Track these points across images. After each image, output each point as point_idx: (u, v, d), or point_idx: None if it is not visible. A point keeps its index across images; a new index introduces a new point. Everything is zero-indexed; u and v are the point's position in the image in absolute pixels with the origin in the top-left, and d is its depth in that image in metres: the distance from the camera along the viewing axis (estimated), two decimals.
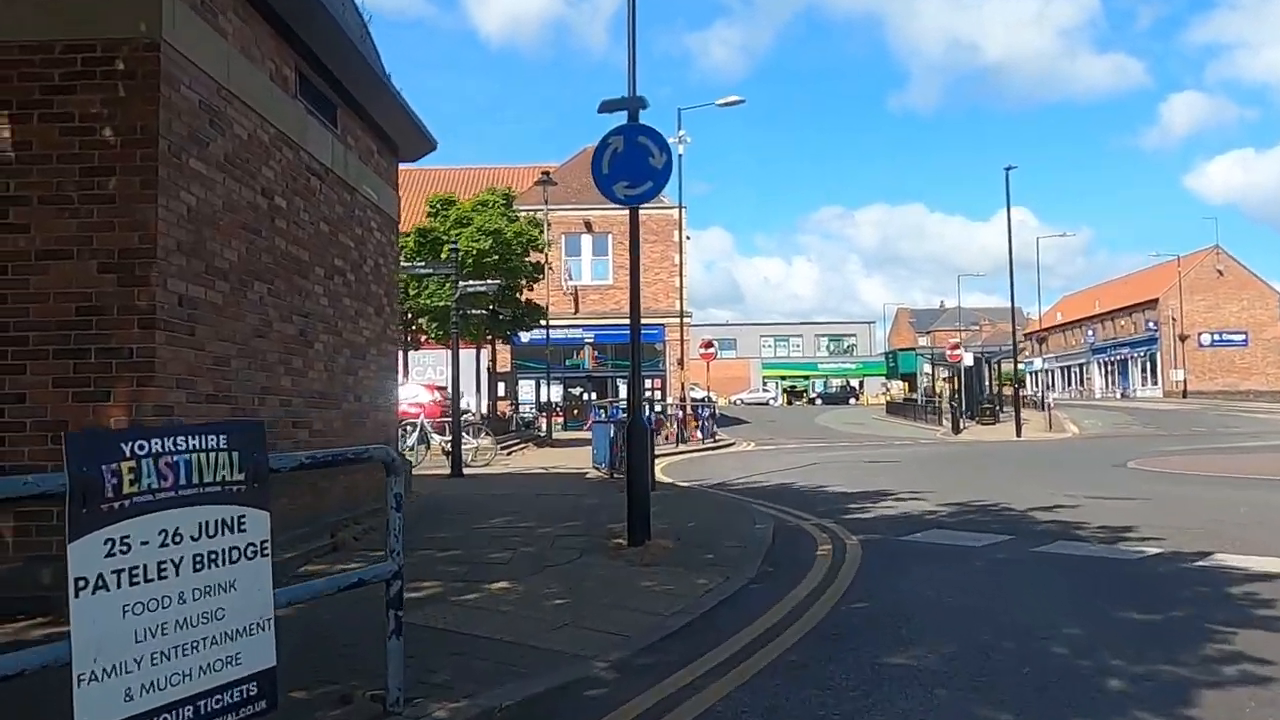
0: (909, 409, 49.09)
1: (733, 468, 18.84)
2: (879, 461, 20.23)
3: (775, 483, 14.40)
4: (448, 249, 14.06)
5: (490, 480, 14.05)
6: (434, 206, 23.41)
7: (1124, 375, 74.87)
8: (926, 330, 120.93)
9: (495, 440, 22.05)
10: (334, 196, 9.39)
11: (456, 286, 14.28)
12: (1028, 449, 26.18)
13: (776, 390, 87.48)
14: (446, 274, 14.38)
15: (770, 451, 25.16)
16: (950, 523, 9.28)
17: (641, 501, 7.72)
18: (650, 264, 42.36)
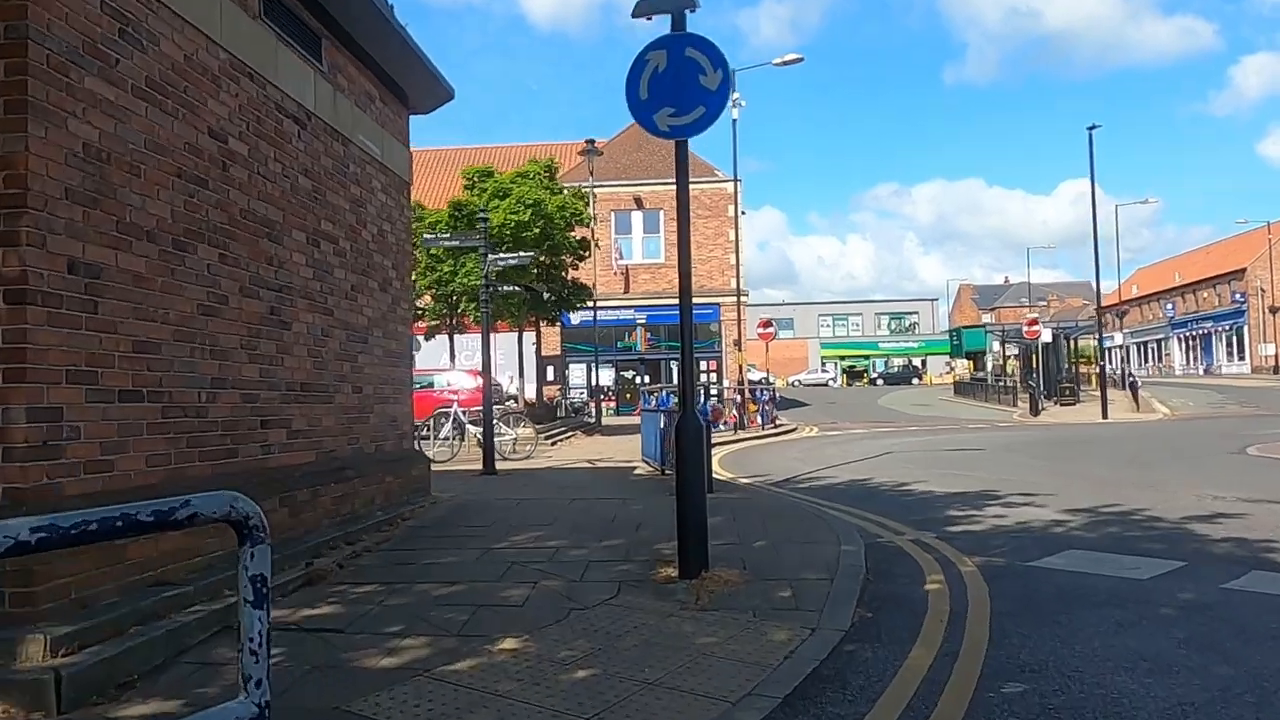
0: (978, 389, 46.50)
1: (797, 458, 16.98)
2: (961, 450, 18.18)
3: (848, 478, 12.54)
4: (478, 218, 12.43)
5: (525, 478, 12.44)
6: (470, 179, 21.80)
7: (1207, 351, 70.76)
8: (990, 307, 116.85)
9: (539, 429, 20.50)
10: (319, 146, 7.76)
11: (485, 260, 12.66)
12: (1122, 433, 23.79)
13: (836, 371, 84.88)
14: (474, 247, 12.77)
15: (836, 438, 23.21)
16: (1088, 539, 7.35)
17: (696, 524, 5.99)
18: (703, 241, 40.51)
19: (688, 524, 5.97)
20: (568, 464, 15.10)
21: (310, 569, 6.25)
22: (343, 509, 7.71)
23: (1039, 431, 24.90)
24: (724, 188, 40.49)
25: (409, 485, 9.29)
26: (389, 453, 9.03)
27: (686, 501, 6.01)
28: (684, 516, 6.01)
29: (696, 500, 6.01)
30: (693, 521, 5.97)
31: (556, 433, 21.56)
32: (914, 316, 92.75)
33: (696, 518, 5.98)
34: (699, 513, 6.00)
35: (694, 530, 5.96)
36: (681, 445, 6.10)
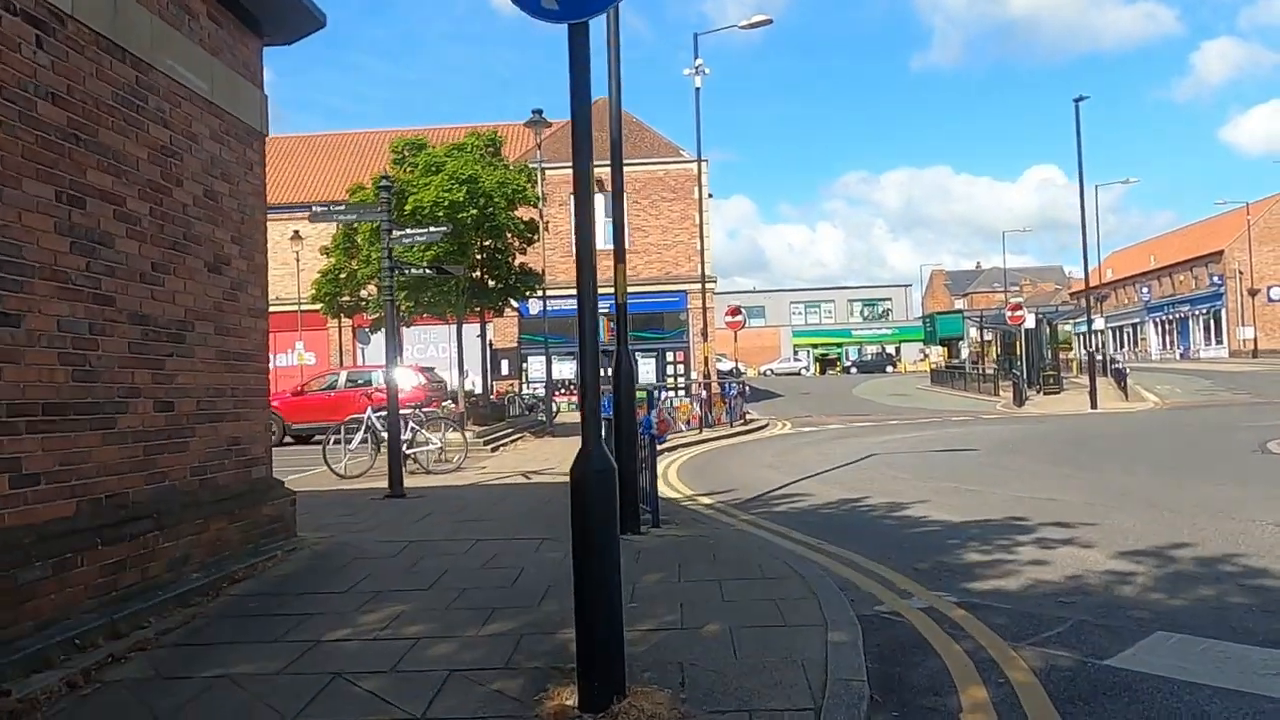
0: (956, 377, 44.77)
1: (769, 465, 14.85)
2: (954, 450, 16.15)
3: (830, 496, 10.41)
4: (376, 185, 10.09)
5: (435, 502, 10.18)
6: (399, 152, 19.38)
7: (1184, 334, 69.70)
8: (963, 292, 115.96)
9: (480, 432, 18.22)
10: (85, 65, 5.45)
11: (386, 236, 10.38)
12: (1120, 427, 21.94)
13: (808, 359, 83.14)
14: (373, 221, 10.44)
15: (811, 436, 21.14)
16: (1178, 611, 5.22)
17: (605, 634, 3.76)
18: (669, 225, 38.38)
19: (593, 634, 3.76)
20: (499, 478, 12.85)
21: (7, 702, 3.98)
22: (124, 580, 5.42)
23: (1029, 425, 23.01)
24: (689, 169, 38.30)
25: (255, 530, 7.02)
26: (224, 488, 6.76)
27: (591, 604, 3.79)
28: (587, 623, 3.80)
29: (606, 598, 3.79)
30: (601, 631, 3.76)
31: (501, 436, 19.29)
32: (887, 303, 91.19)
33: (606, 626, 3.76)
34: (609, 619, 3.78)
35: (602, 643, 3.74)
36: (579, 511, 3.87)
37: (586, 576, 3.79)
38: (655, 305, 38.08)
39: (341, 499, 10.57)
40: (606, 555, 3.78)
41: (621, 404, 7.44)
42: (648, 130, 41.35)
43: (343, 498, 10.73)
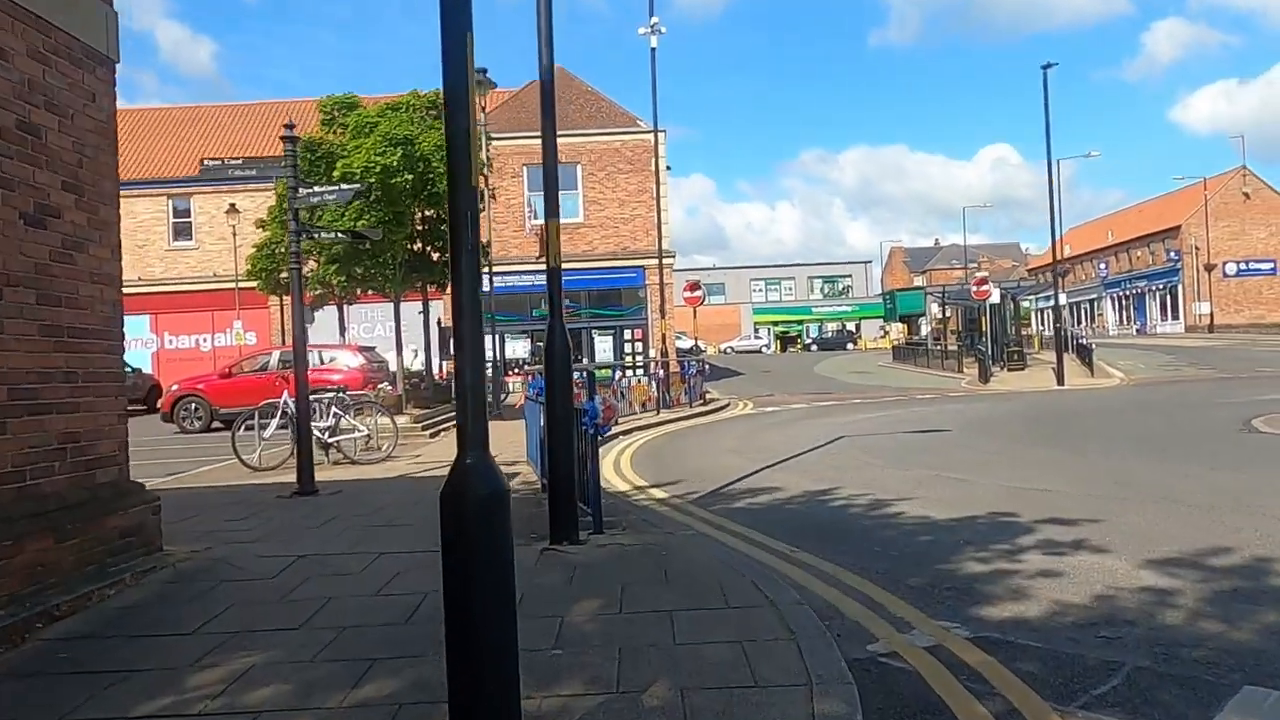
0: (917, 354, 44.13)
1: (731, 449, 13.68)
2: (927, 432, 15.11)
3: (801, 488, 9.23)
4: (286, 139, 8.58)
5: (348, 500, 8.83)
6: (328, 112, 17.77)
7: (1140, 310, 69.95)
8: (922, 269, 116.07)
9: (416, 419, 16.83)
10: None
11: (292, 197, 8.91)
12: (1092, 404, 21.15)
13: (769, 337, 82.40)
14: (270, 178, 8.95)
15: (775, 417, 20.04)
16: (1248, 646, 4.09)
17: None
18: (626, 198, 36.99)
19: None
20: (431, 469, 11.52)
21: None
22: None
23: (998, 403, 22.13)
24: (645, 139, 36.89)
25: (98, 548, 5.65)
26: (50, 497, 5.38)
27: (469, 687, 2.52)
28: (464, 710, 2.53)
29: (495, 678, 2.52)
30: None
31: (443, 420, 17.89)
32: (847, 280, 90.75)
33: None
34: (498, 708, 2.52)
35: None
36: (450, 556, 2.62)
37: (463, 648, 2.54)
38: (613, 281, 36.75)
39: (242, 497, 9.18)
40: (492, 623, 2.52)
41: (555, 388, 6.17)
42: (604, 100, 39.83)
43: (244, 495, 9.33)
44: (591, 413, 6.33)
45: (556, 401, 6.19)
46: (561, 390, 6.19)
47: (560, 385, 6.18)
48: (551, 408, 6.19)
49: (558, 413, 6.16)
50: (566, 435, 6.17)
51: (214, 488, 10.20)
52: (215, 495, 9.17)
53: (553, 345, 6.18)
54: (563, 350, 6.16)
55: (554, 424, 6.17)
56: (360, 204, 16.73)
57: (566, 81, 40.24)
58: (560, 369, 6.18)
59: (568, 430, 6.19)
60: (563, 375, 6.18)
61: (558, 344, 6.15)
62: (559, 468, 6.19)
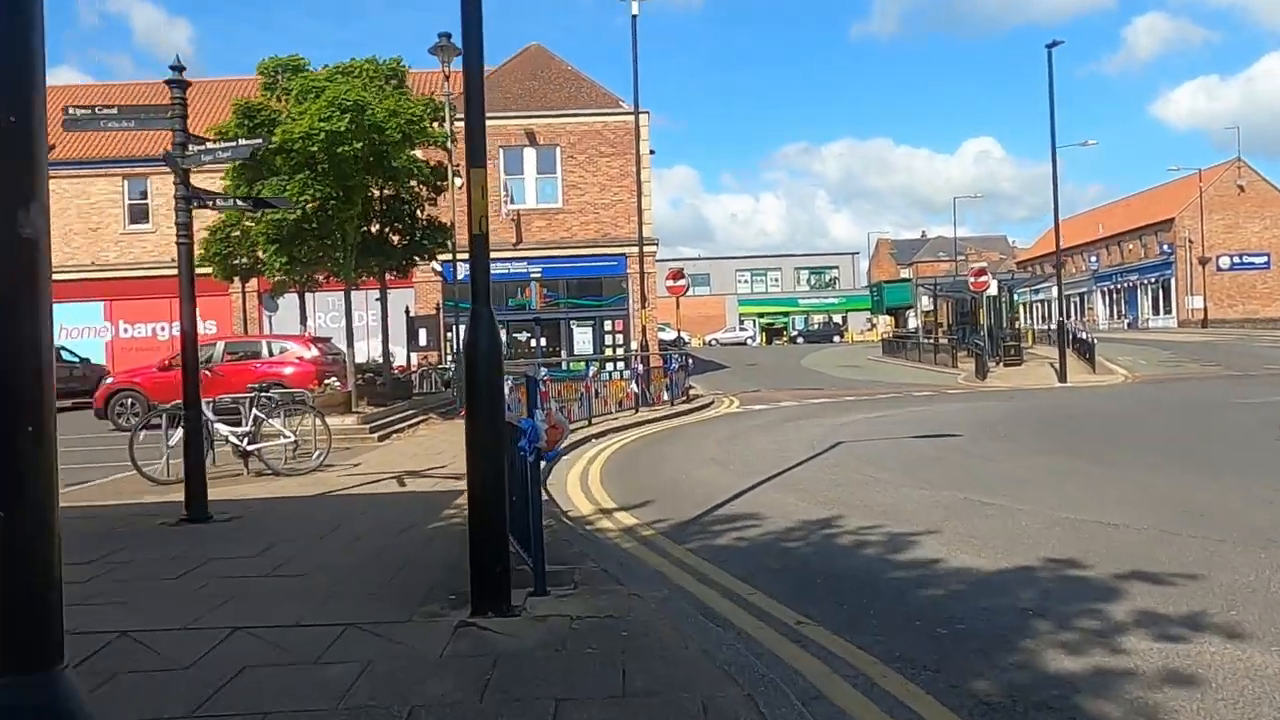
0: (908, 348, 42.66)
1: (714, 458, 12.03)
2: (932, 436, 13.51)
3: (800, 517, 7.57)
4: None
5: (241, 532, 7.10)
6: (269, 75, 15.92)
7: (1131, 304, 68.83)
8: (909, 261, 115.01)
9: (365, 418, 15.07)
10: None
11: (175, 156, 7.11)
12: (1100, 404, 19.66)
13: (754, 328, 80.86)
14: (160, 129, 7.17)
15: (763, 416, 18.41)
16: None
17: None
18: (607, 183, 35.26)
19: None
20: (364, 483, 9.79)
21: None
22: None
23: (1001, 402, 20.60)
24: (627, 120, 35.12)
25: None
26: None
27: None
28: None
29: None
30: None
31: (398, 420, 16.17)
32: (834, 271, 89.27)
33: None
34: None
35: None
36: None
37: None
38: (592, 270, 35.05)
39: (112, 526, 7.43)
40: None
41: (477, 400, 4.49)
42: (585, 80, 38.03)
43: (119, 522, 7.59)
44: (530, 434, 4.65)
45: (480, 419, 4.50)
46: (486, 402, 4.50)
47: (485, 396, 4.49)
48: (473, 428, 4.51)
49: (481, 435, 4.48)
50: (493, 467, 4.49)
51: (90, 508, 8.45)
52: (82, 522, 7.43)
53: (475, 342, 4.48)
54: (488, 349, 4.47)
55: (475, 450, 4.49)
56: (304, 177, 14.93)
57: (546, 60, 38.41)
58: (485, 373, 4.48)
59: (494, 459, 4.51)
60: (488, 382, 4.48)
61: (481, 340, 4.45)
62: (482, 510, 4.51)
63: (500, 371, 4.70)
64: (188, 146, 7.44)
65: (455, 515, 7.43)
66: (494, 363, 4.55)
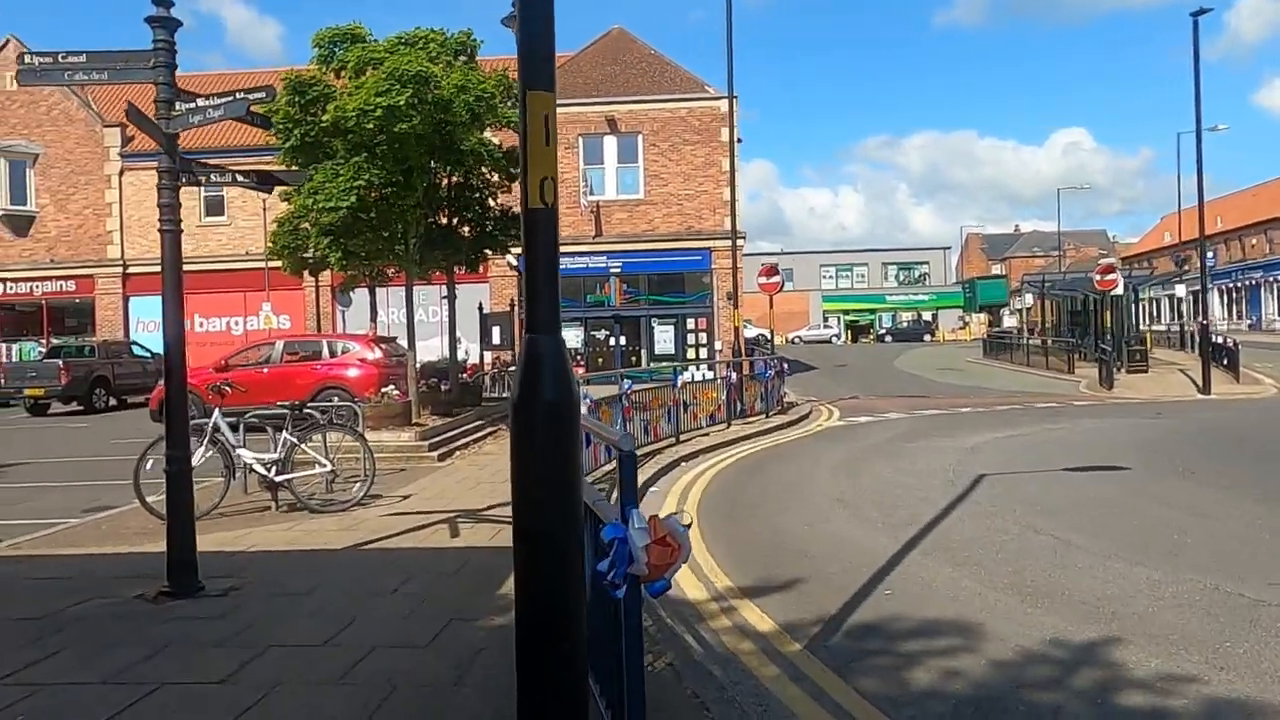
0: (1014, 349, 39.49)
1: (838, 497, 9.86)
2: (1093, 467, 11.08)
3: (1000, 625, 5.37)
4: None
5: (237, 613, 5.30)
6: (324, 47, 14.27)
7: (1254, 304, 63.64)
8: (1000, 257, 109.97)
9: (424, 433, 13.31)
10: None
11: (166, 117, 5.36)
12: (1269, 420, 16.79)
13: (839, 326, 77.74)
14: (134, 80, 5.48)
15: (873, 433, 16.09)
16: None
17: None
18: (691, 172, 33.20)
19: None
20: (412, 526, 7.92)
21: None
22: None
23: (1144, 417, 17.85)
24: (715, 106, 33.01)
25: None
26: None
27: None
28: None
29: None
30: None
31: (462, 432, 14.40)
32: (924, 267, 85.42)
33: None
34: None
35: None
36: None
37: None
38: (675, 264, 33.05)
39: (71, 593, 5.70)
40: None
41: (536, 479, 2.48)
42: (668, 64, 35.98)
43: (81, 588, 5.85)
44: (618, 552, 2.66)
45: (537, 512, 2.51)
46: (548, 482, 2.50)
47: (546, 474, 2.50)
48: (525, 535, 2.53)
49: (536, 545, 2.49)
50: (555, 588, 2.50)
51: (65, 559, 6.80)
52: (35, 588, 5.74)
53: (533, 394, 2.49)
54: (557, 400, 2.48)
55: (528, 565, 2.52)
56: (360, 160, 13.26)
57: (628, 44, 36.46)
58: (549, 441, 2.50)
59: (560, 576, 2.51)
60: (555, 454, 2.49)
61: (547, 388, 2.47)
62: (537, 654, 2.54)
63: (577, 440, 2.72)
64: (175, 104, 5.64)
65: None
66: (565, 426, 2.57)
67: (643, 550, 2.64)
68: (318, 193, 13.11)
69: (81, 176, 34.46)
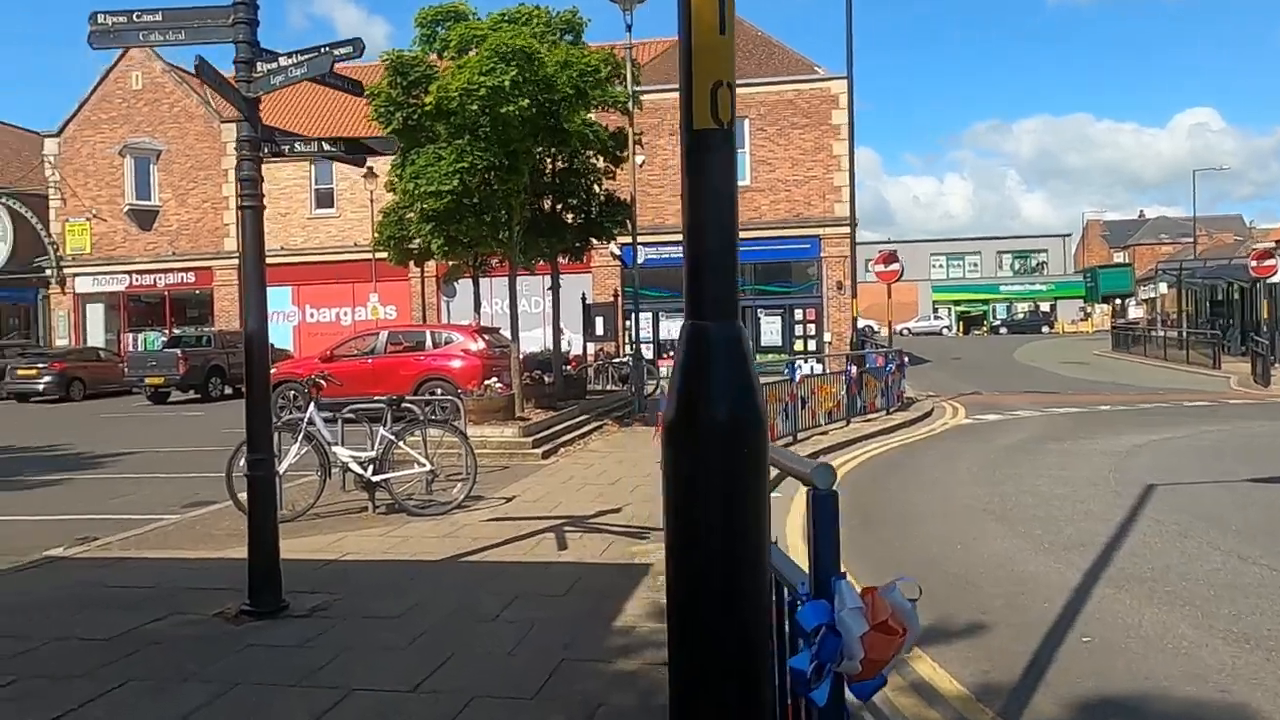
0: (1147, 341, 36.80)
1: (985, 507, 8.74)
2: (1276, 481, 9.63)
3: (1212, 679, 4.32)
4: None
5: (321, 638, 4.69)
6: (426, 27, 13.74)
7: None
8: (1123, 244, 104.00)
9: (527, 429, 12.69)
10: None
11: (245, 80, 4.77)
12: None
13: (950, 317, 74.68)
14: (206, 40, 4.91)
15: (1007, 432, 14.71)
16: None
17: None
18: (800, 157, 31.93)
19: None
20: (511, 539, 7.22)
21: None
22: None
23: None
24: (826, 88, 31.67)
25: None
26: None
27: None
28: None
29: None
30: None
31: (566, 428, 13.74)
32: (1041, 255, 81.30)
33: None
34: None
35: None
36: None
37: None
38: (782, 253, 31.83)
39: (153, 605, 5.18)
40: None
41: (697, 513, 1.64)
42: (776, 45, 34.73)
43: (163, 599, 5.34)
44: (824, 642, 1.80)
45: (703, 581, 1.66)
46: (724, 539, 1.66)
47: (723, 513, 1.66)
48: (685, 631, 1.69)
49: (705, 651, 1.64)
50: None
51: (151, 564, 6.34)
52: (114, 602, 5.25)
53: (707, 414, 1.65)
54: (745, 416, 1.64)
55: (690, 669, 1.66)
56: (463, 143, 12.69)
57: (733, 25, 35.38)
58: (742, 474, 1.65)
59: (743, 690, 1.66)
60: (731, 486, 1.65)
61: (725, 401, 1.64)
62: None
63: (763, 476, 1.86)
64: (255, 65, 5.02)
65: (641, 628, 4.69)
66: (746, 456, 1.73)
67: (858, 641, 1.77)
68: (419, 177, 12.62)
69: (200, 171, 35.45)
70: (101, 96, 35.83)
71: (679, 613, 1.84)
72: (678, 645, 1.92)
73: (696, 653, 1.85)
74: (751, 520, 1.80)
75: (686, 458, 1.81)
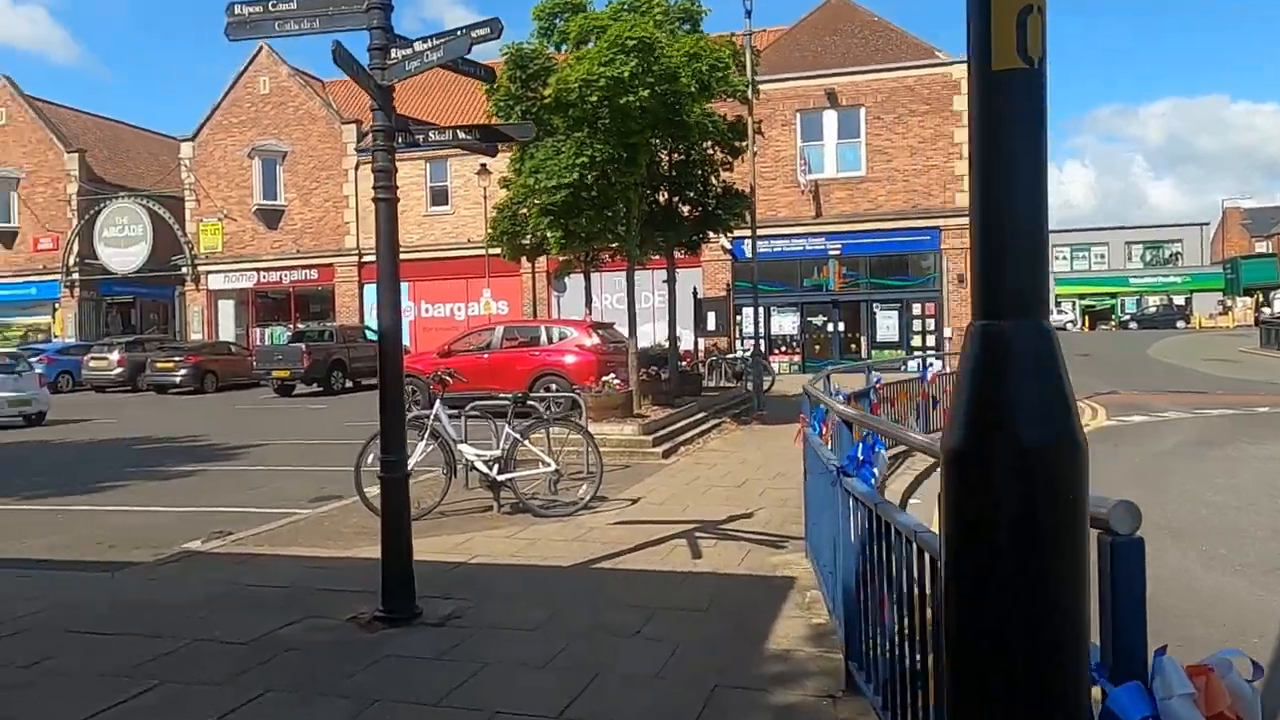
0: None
1: (1159, 522, 7.89)
2: None
3: None
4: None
5: (452, 652, 4.48)
6: (545, 19, 13.60)
7: None
8: (1267, 233, 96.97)
9: (646, 426, 12.40)
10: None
11: (381, 68, 4.60)
12: None
13: (1074, 311, 71.17)
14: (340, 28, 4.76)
15: (1159, 436, 13.63)
16: None
17: None
18: (919, 146, 30.72)
19: None
20: (640, 545, 6.91)
21: None
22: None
23: None
24: (947, 73, 30.34)
25: None
26: None
27: None
28: None
29: None
30: None
31: (684, 426, 13.41)
32: (1175, 245, 76.61)
33: None
34: None
35: None
36: None
37: None
38: (899, 245, 30.74)
39: (285, 609, 5.08)
40: None
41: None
42: (893, 30, 33.51)
43: (297, 602, 5.24)
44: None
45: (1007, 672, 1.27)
46: (1029, 607, 1.27)
47: (1032, 572, 1.26)
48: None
49: None
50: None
51: (288, 560, 6.30)
52: (249, 596, 5.18)
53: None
54: (1043, 442, 1.25)
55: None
56: (582, 135, 12.49)
57: (848, 12, 34.23)
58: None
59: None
60: (1040, 535, 1.26)
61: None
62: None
63: (1082, 522, 1.45)
64: (390, 51, 4.83)
65: (797, 653, 4.31)
66: (1060, 499, 1.33)
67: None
68: (539, 171, 12.48)
69: (322, 171, 36.59)
70: (232, 101, 37.38)
71: (960, 715, 1.40)
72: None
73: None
74: (1070, 587, 1.37)
75: (978, 496, 1.41)
